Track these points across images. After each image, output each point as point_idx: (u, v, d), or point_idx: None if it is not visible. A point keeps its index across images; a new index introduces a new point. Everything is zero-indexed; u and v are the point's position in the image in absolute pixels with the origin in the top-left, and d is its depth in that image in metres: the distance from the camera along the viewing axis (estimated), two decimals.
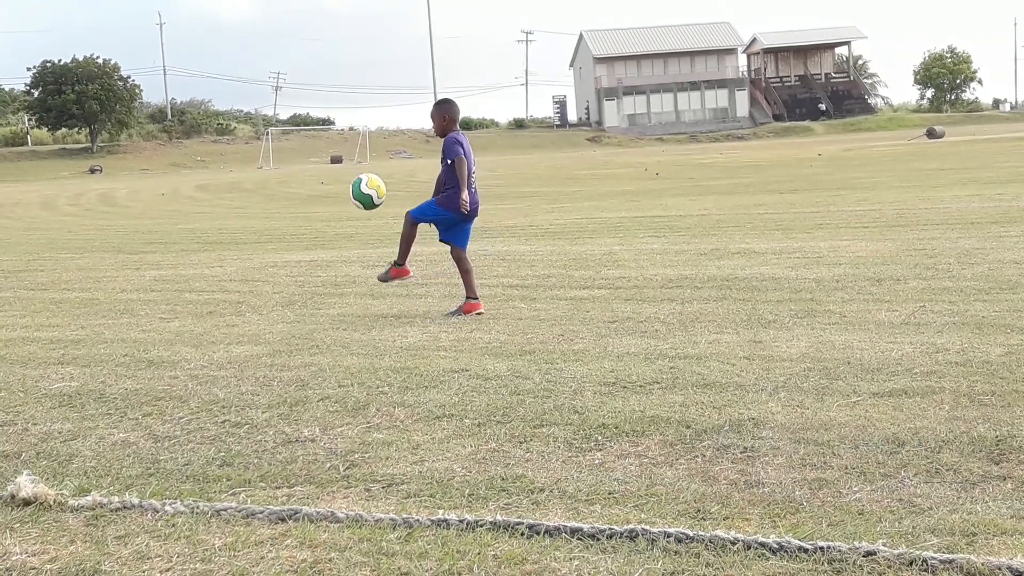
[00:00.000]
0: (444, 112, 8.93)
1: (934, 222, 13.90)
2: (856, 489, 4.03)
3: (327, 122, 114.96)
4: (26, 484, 4.33)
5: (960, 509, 3.77)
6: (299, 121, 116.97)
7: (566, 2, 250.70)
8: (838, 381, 5.74)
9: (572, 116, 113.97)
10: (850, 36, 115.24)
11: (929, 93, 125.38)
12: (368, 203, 9.15)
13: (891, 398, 5.34)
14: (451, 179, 8.72)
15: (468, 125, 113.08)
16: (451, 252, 8.97)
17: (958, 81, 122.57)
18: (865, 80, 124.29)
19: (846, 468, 4.28)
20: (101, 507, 4.17)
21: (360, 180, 9.18)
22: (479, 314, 8.57)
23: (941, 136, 59.66)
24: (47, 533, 3.96)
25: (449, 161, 8.71)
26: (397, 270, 9.02)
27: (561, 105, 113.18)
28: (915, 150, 44.41)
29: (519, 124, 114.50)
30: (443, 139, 8.82)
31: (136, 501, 4.21)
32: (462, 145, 8.74)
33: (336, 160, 75.71)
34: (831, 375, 5.88)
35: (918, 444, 4.54)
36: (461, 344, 7.40)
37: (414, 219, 8.90)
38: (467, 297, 8.77)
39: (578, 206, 22.38)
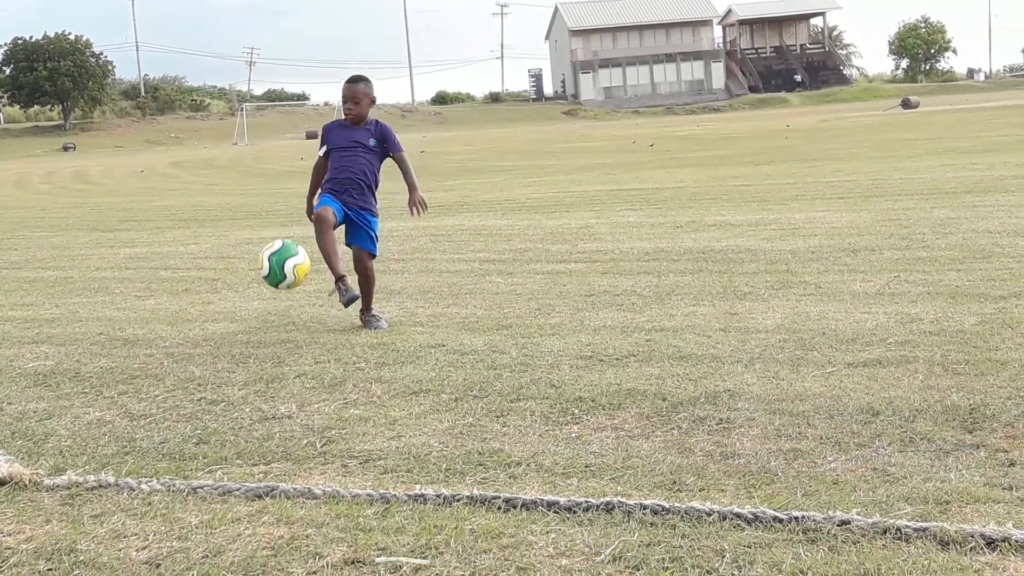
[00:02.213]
0: (373, 91, 7.37)
1: (909, 192, 13.95)
2: (831, 459, 4.05)
3: (302, 97, 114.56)
4: (1, 464, 4.31)
5: (934, 478, 3.80)
6: (274, 97, 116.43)
7: None
8: (813, 352, 5.76)
9: (548, 90, 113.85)
10: (825, 6, 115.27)
11: (904, 63, 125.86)
12: (275, 280, 7.05)
13: (866, 368, 5.36)
14: (373, 177, 7.34)
15: (444, 99, 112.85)
16: (366, 260, 7.30)
17: (932, 51, 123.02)
18: (840, 51, 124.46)
19: (821, 438, 4.30)
20: (77, 486, 4.16)
21: (288, 255, 7.01)
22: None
23: (916, 106, 59.87)
24: (23, 513, 3.94)
25: (395, 151, 7.38)
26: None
27: (537, 79, 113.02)
28: (890, 120, 44.55)
29: (495, 98, 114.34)
30: (368, 122, 7.33)
31: (112, 480, 4.19)
32: None
33: (312, 135, 75.29)
34: (806, 346, 5.90)
35: (892, 414, 4.56)
36: (438, 319, 7.40)
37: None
38: (369, 310, 7.33)
39: (555, 180, 22.36)
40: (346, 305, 7.06)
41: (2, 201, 27.22)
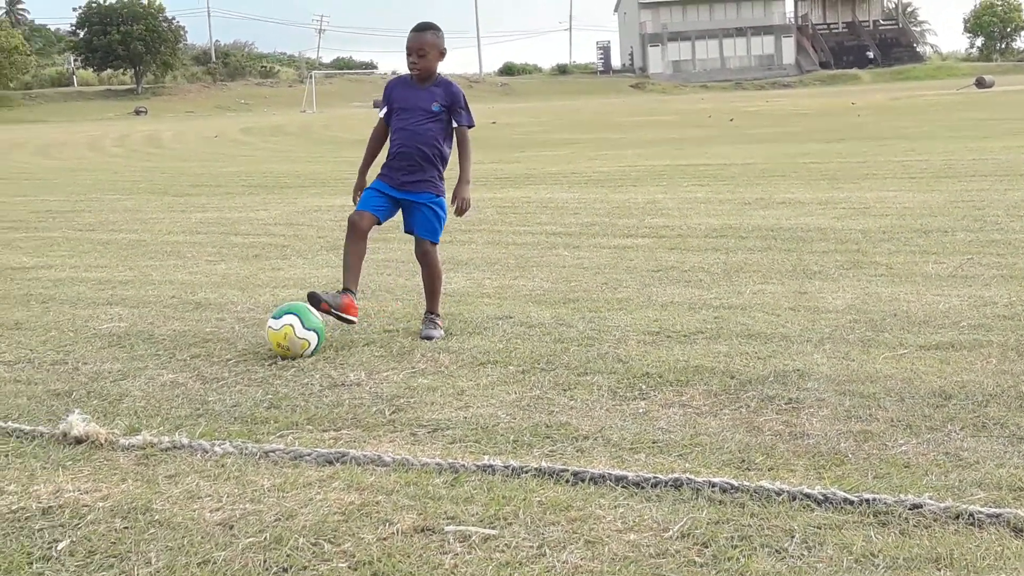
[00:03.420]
0: (442, 42, 6.26)
1: (982, 173, 13.73)
2: (902, 442, 4.02)
3: (370, 66, 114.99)
4: (78, 423, 4.40)
5: (1007, 463, 3.76)
6: (342, 65, 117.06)
7: None
8: (884, 333, 5.71)
9: (616, 62, 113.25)
10: None
11: (979, 42, 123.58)
12: (321, 341, 5.85)
13: (938, 351, 5.31)
14: (440, 145, 6.24)
15: (511, 70, 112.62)
16: (427, 249, 6.33)
17: (1009, 30, 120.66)
18: (914, 28, 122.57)
19: (892, 421, 4.27)
20: (151, 446, 4.24)
21: (311, 322, 5.78)
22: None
23: (991, 86, 58.74)
24: (99, 471, 4.03)
25: (462, 123, 6.26)
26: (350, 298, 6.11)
27: (605, 51, 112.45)
28: (964, 100, 43.80)
29: (562, 70, 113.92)
30: (438, 81, 6.25)
31: (186, 441, 4.27)
32: None
33: (379, 104, 75.49)
34: (877, 327, 5.85)
35: (965, 398, 4.51)
36: (505, 291, 7.42)
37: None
38: (432, 311, 6.36)
39: (621, 153, 22.26)
40: (315, 305, 5.87)
41: (76, 163, 27.64)
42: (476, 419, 4.54)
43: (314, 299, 5.91)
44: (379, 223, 6.28)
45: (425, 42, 6.12)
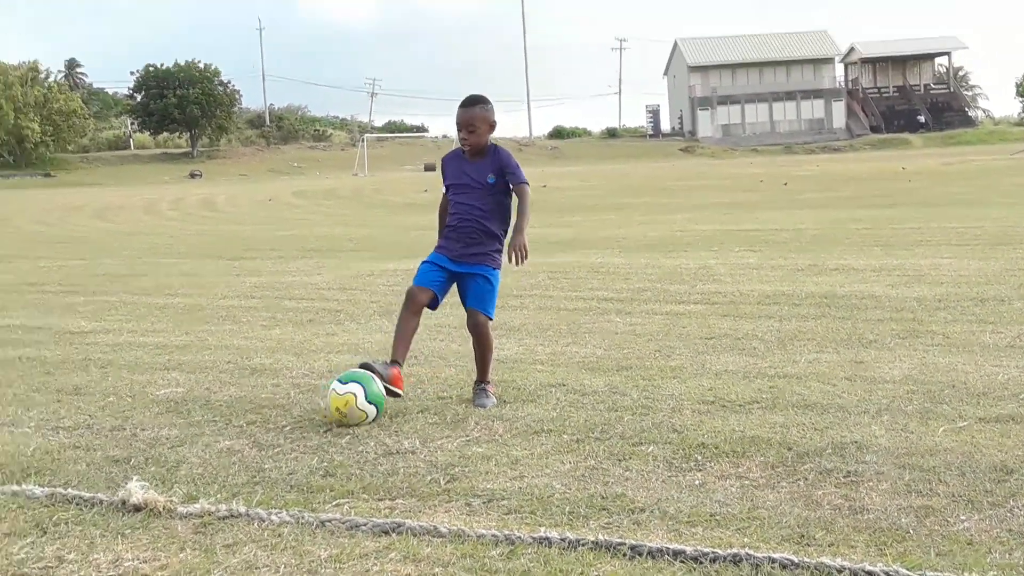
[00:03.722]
0: (492, 115, 6.30)
1: None
2: (964, 518, 3.97)
3: (421, 129, 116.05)
4: (136, 490, 4.44)
5: None
6: (393, 128, 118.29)
7: (660, 10, 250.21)
8: (943, 405, 5.65)
9: (665, 126, 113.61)
10: (950, 47, 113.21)
11: None
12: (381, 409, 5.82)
13: (998, 423, 5.24)
14: (499, 218, 6.30)
15: (561, 133, 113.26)
16: (479, 321, 6.27)
17: None
18: (965, 92, 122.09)
19: (953, 496, 4.21)
20: (209, 515, 4.26)
21: (373, 392, 5.77)
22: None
23: None
24: (157, 540, 4.05)
25: (516, 183, 6.23)
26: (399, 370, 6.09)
27: (654, 114, 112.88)
28: (1018, 165, 43.46)
29: (612, 133, 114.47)
30: (488, 152, 6.30)
31: (243, 510, 4.29)
32: None
33: (430, 168, 76.07)
34: (935, 398, 5.79)
35: None
36: (557, 358, 7.42)
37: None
38: (483, 380, 6.35)
39: (671, 218, 22.29)
40: (365, 368, 5.89)
41: (132, 227, 28.06)
42: (531, 489, 4.53)
43: (366, 368, 5.92)
44: (437, 299, 6.28)
45: (475, 117, 6.17)
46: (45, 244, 22.20)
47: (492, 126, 6.28)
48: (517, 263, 6.12)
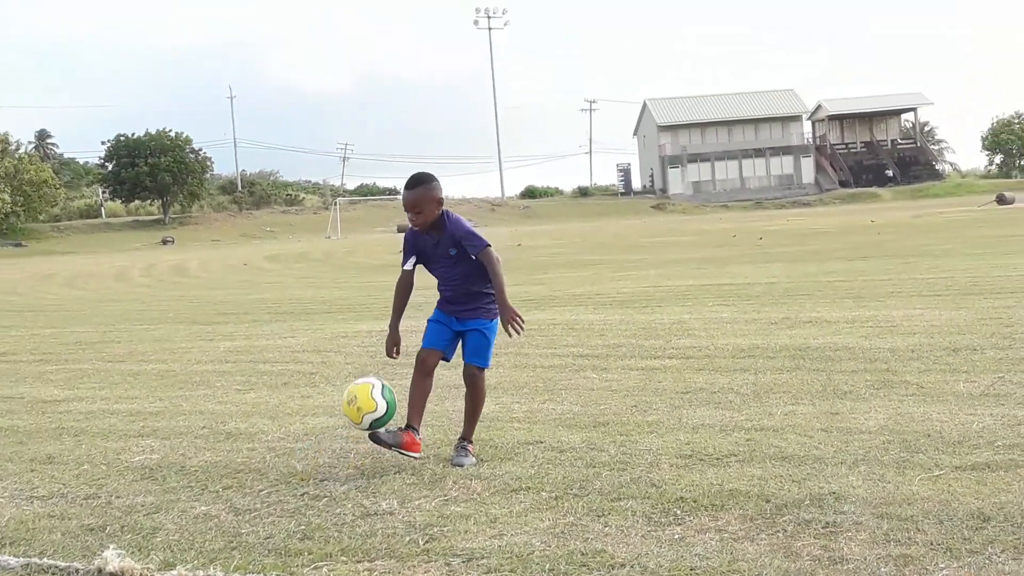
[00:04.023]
0: (436, 192, 6.26)
1: (1008, 290, 13.72)
2: (943, 566, 3.98)
3: (393, 192, 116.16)
4: (112, 558, 4.40)
5: None
6: (365, 191, 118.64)
7: (629, 71, 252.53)
8: (919, 454, 5.67)
9: (636, 184, 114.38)
10: (916, 102, 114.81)
11: (998, 159, 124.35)
12: (391, 414, 6.12)
13: (974, 471, 5.26)
14: (478, 279, 6.32)
15: (533, 193, 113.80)
16: (477, 376, 6.44)
17: None
18: (932, 146, 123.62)
19: (931, 544, 4.22)
20: None
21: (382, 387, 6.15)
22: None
23: (1012, 202, 58.95)
24: None
25: (476, 253, 6.22)
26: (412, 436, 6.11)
27: (625, 173, 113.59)
28: (986, 216, 43.93)
29: (584, 192, 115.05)
30: (442, 225, 6.27)
31: (221, 575, 4.25)
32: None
33: (403, 230, 76.24)
34: (911, 448, 5.81)
35: (1004, 519, 4.47)
36: (534, 415, 7.42)
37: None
38: (466, 438, 6.40)
39: (644, 274, 22.37)
40: (374, 440, 5.95)
41: (105, 294, 27.93)
42: (511, 547, 4.51)
43: (375, 439, 5.95)
44: (446, 359, 6.40)
45: (420, 198, 6.20)
46: (16, 313, 22.06)
47: (439, 202, 6.27)
48: (517, 333, 6.15)
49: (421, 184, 6.23)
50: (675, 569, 4.13)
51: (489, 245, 6.23)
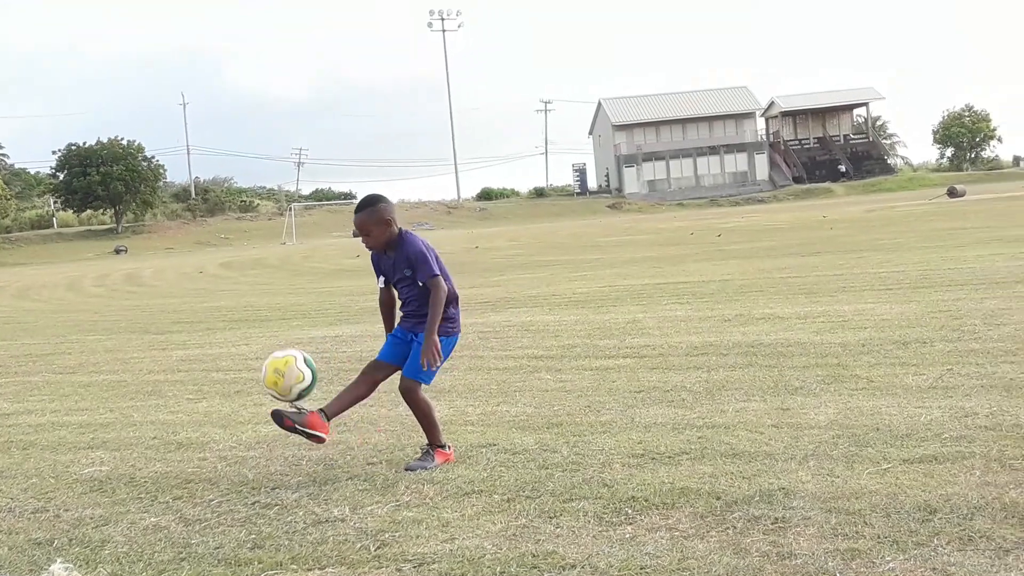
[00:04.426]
0: (384, 213, 6.23)
1: (958, 283, 13.86)
2: (889, 559, 4.01)
3: (349, 196, 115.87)
4: (60, 572, 4.36)
5: None
6: (321, 196, 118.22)
7: (584, 71, 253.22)
8: (868, 448, 5.71)
9: (592, 183, 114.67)
10: (868, 97, 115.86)
11: (949, 152, 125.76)
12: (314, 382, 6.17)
13: (921, 464, 5.31)
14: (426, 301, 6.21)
15: (489, 195, 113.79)
16: (411, 390, 6.24)
17: (977, 139, 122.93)
18: (884, 141, 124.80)
19: (879, 537, 4.25)
20: None
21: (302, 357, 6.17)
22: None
23: (962, 195, 59.63)
24: None
25: (423, 280, 6.16)
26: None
27: (581, 173, 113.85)
28: (937, 210, 44.38)
29: (539, 193, 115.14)
30: (399, 245, 6.26)
31: None
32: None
33: (358, 235, 75.79)
34: (860, 442, 5.86)
35: (950, 511, 4.51)
36: (488, 418, 7.41)
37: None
38: (433, 445, 6.30)
39: (600, 274, 22.42)
40: (278, 423, 5.97)
41: (56, 305, 27.65)
42: (462, 551, 4.50)
43: (276, 416, 5.95)
44: (392, 370, 6.32)
45: (366, 222, 6.22)
46: None
47: (388, 223, 6.23)
48: (429, 366, 6.07)
49: (368, 207, 6.24)
50: (625, 568, 4.14)
51: (437, 275, 6.15)
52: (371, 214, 6.21)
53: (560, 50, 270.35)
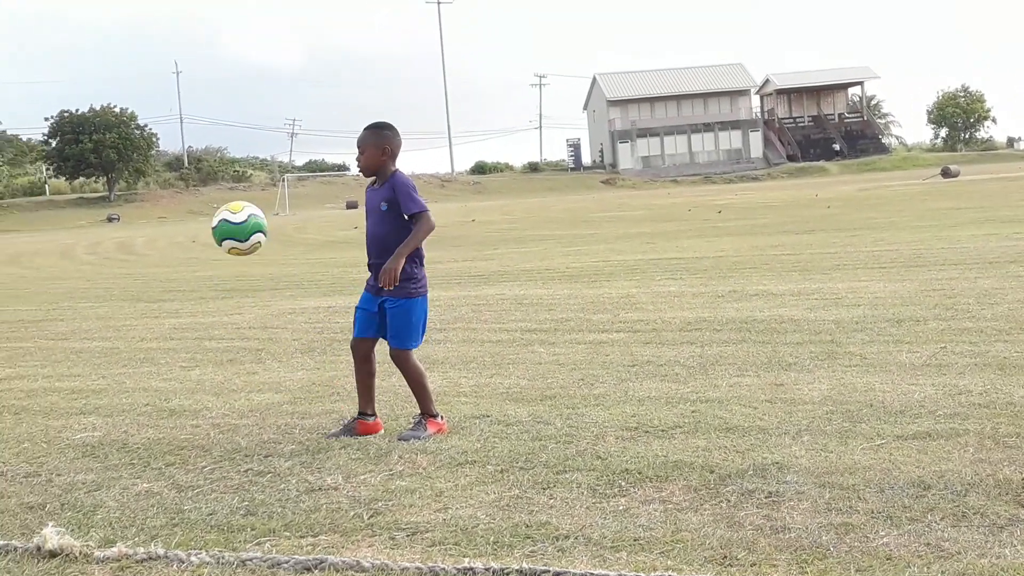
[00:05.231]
0: (385, 141, 6.27)
1: (952, 262, 13.88)
2: (883, 534, 4.01)
3: (342, 168, 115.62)
4: (52, 536, 4.34)
5: (988, 553, 3.75)
6: (315, 167, 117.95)
7: (579, 46, 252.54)
8: (861, 424, 5.72)
9: (586, 159, 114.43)
10: (863, 76, 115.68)
11: (943, 132, 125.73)
12: (233, 234, 6.59)
13: (915, 441, 5.32)
14: (397, 244, 6.10)
15: (483, 169, 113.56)
16: (401, 357, 6.29)
17: (972, 120, 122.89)
18: (879, 120, 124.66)
19: (872, 512, 4.26)
20: (127, 558, 4.18)
21: (260, 228, 6.70)
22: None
23: (956, 175, 59.63)
24: None
25: (410, 213, 6.14)
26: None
27: (575, 148, 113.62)
28: (931, 189, 44.40)
29: (533, 167, 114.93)
30: (379, 178, 6.30)
31: (162, 552, 4.21)
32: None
33: (352, 205, 75.73)
34: (854, 418, 5.86)
35: (944, 487, 4.51)
36: (481, 390, 7.40)
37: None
38: (425, 413, 6.28)
39: (594, 248, 22.40)
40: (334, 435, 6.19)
41: (48, 272, 27.59)
42: (455, 521, 4.50)
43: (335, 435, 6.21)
44: (377, 339, 6.35)
45: (364, 140, 6.27)
46: None
47: (384, 151, 6.24)
48: (384, 287, 6.07)
49: (373, 128, 6.30)
50: (619, 540, 4.14)
51: (426, 211, 6.16)
52: (373, 135, 6.27)
53: (556, 24, 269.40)
